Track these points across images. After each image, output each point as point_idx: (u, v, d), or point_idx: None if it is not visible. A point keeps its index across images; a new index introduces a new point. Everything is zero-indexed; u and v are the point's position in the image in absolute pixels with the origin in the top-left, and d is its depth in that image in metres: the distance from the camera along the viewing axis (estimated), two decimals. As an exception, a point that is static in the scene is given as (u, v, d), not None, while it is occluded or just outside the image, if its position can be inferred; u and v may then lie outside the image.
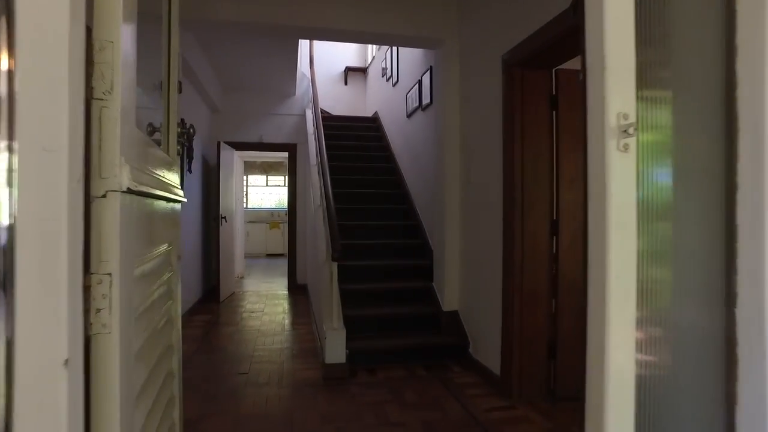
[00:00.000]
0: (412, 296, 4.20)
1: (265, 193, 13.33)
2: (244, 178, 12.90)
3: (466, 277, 3.66)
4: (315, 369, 3.44)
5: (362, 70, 8.67)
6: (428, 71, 4.64)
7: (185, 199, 1.68)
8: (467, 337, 3.60)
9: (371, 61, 8.17)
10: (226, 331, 4.57)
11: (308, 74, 7.21)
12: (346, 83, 8.65)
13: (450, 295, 3.82)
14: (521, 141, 2.87)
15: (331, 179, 5.73)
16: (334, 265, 3.37)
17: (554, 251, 2.90)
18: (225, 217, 6.14)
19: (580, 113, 2.79)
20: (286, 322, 4.94)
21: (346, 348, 3.34)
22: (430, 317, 3.92)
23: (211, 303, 5.90)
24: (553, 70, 2.92)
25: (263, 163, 13.18)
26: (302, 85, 7.10)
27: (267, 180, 13.37)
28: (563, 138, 2.89)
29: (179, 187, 1.64)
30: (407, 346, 3.62)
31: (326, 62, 8.57)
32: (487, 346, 3.28)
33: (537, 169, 2.87)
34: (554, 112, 2.92)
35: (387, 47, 6.79)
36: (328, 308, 3.48)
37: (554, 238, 2.90)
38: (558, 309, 2.90)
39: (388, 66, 6.66)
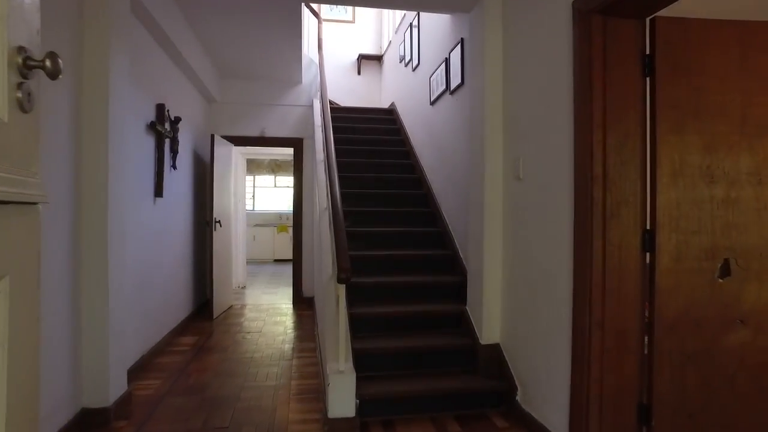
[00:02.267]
0: (440, 323, 3.38)
1: (274, 194, 12.60)
2: (251, 178, 12.23)
3: (512, 301, 2.82)
4: (316, 421, 2.64)
5: (377, 58, 7.88)
6: (458, 45, 3.81)
7: (46, 199, 0.89)
8: (514, 381, 2.76)
9: (387, 47, 7.37)
10: (213, 359, 3.78)
11: (317, 60, 6.44)
12: (359, 73, 7.86)
13: (490, 323, 2.99)
14: (602, 120, 2.03)
15: (341, 178, 4.94)
16: (341, 288, 2.56)
17: (649, 273, 2.06)
18: (219, 221, 5.38)
19: (688, 79, 1.93)
20: (287, 347, 4.15)
21: (356, 396, 2.53)
22: (464, 352, 3.09)
23: (203, 320, 5.13)
24: (648, 20, 2.08)
25: (271, 162, 12.47)
26: (310, 73, 6.33)
27: (275, 180, 12.65)
28: (663, 114, 2.04)
29: (33, 172, 0.85)
30: (435, 391, 2.80)
31: (338, 50, 7.80)
32: (544, 395, 2.45)
33: (624, 158, 2.03)
34: (649, 79, 2.08)
35: (405, 29, 5.98)
36: (333, 343, 2.68)
37: (648, 254, 2.06)
38: (654, 354, 2.06)
39: (407, 49, 5.85)
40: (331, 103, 7.21)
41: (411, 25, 5.63)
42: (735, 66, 2.10)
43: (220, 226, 5.42)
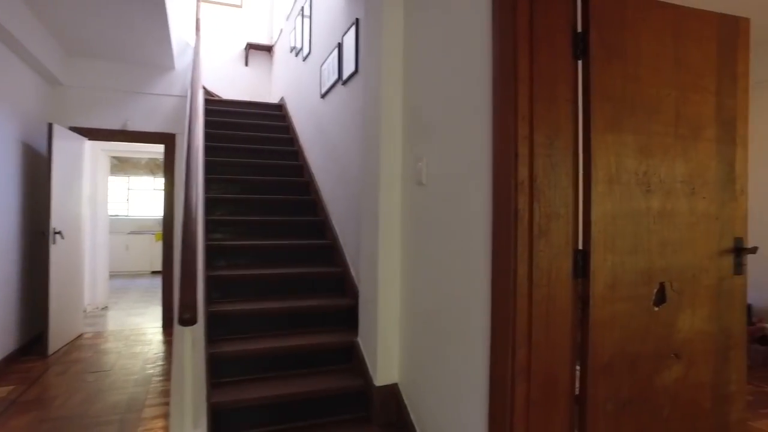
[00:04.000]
0: (328, 358, 2.78)
1: (154, 197, 11.19)
2: (125, 179, 10.75)
3: (414, 334, 2.31)
4: None
5: (268, 49, 7.13)
6: (352, 27, 3.28)
7: None
8: (415, 430, 2.25)
9: (278, 37, 6.65)
10: (23, 423, 2.83)
11: (194, 44, 5.56)
12: (246, 64, 7.05)
13: (386, 359, 2.45)
14: (528, 111, 1.58)
15: (216, 180, 4.18)
16: (186, 332, 1.86)
17: (582, 304, 1.65)
18: (60, 232, 4.31)
19: (623, 66, 1.56)
20: (139, 390, 3.29)
21: (210, 475, 1.85)
22: (356, 394, 2.53)
23: (32, 359, 4.04)
24: (579, -10, 1.69)
25: (150, 161, 11.06)
26: (185, 58, 5.43)
27: (155, 182, 11.24)
28: (598, 107, 1.65)
29: None
30: (319, 451, 2.20)
31: (223, 37, 6.93)
32: (452, 455, 1.96)
33: (554, 160, 1.60)
34: (581, 62, 1.68)
35: (297, 14, 5.34)
36: (178, 402, 1.96)
37: (581, 281, 1.65)
38: (587, 406, 1.65)
39: (298, 37, 5.21)
40: (212, 94, 6.34)
41: (302, 9, 5.00)
42: (670, 56, 1.78)
43: (62, 237, 4.35)
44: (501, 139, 1.62)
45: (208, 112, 5.41)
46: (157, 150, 7.62)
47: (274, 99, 6.70)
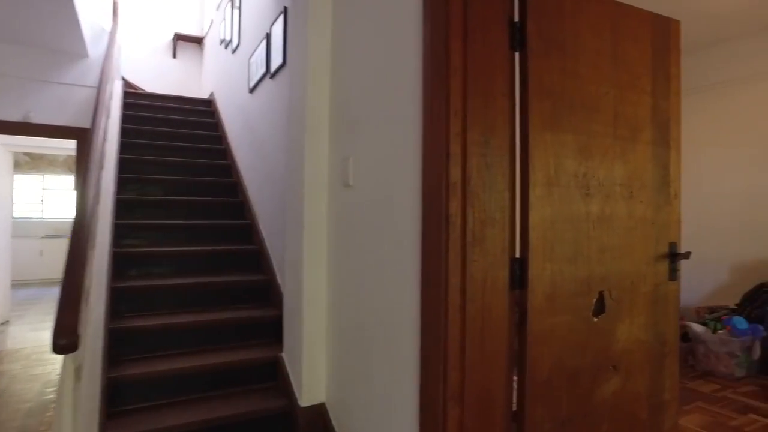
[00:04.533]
0: (251, 376, 2.53)
1: (72, 198, 10.30)
2: (39, 177, 9.84)
3: (341, 350, 2.11)
4: None
5: (198, 41, 6.70)
6: (281, 16, 3.04)
7: None
8: (344, 456, 2.05)
9: (209, 29, 6.26)
10: None
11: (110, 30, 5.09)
12: (174, 56, 6.59)
13: (312, 376, 2.24)
14: (461, 105, 1.43)
15: (134, 180, 3.79)
16: (66, 361, 1.54)
17: (519, 318, 1.52)
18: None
19: (562, 61, 1.45)
20: (31, 422, 2.87)
21: None
22: (281, 416, 2.29)
23: None
24: (516, -24, 1.56)
25: (69, 158, 10.19)
26: (100, 44, 4.95)
27: (74, 181, 10.36)
28: (536, 104, 1.52)
29: None
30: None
31: (148, 26, 6.43)
32: (382, 485, 1.77)
33: (489, 160, 1.45)
34: (518, 55, 1.55)
35: (227, 3, 5.01)
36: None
37: (518, 292, 1.51)
38: (528, 424, 1.52)
39: (227, 28, 4.88)
40: (134, 87, 5.85)
41: (232, -2, 4.69)
42: (608, 53, 1.69)
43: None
44: (432, 137, 1.46)
45: (127, 106, 4.96)
46: (51, 144, 6.97)
47: (204, 94, 6.29)
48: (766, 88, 4.28)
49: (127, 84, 5.71)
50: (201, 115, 5.44)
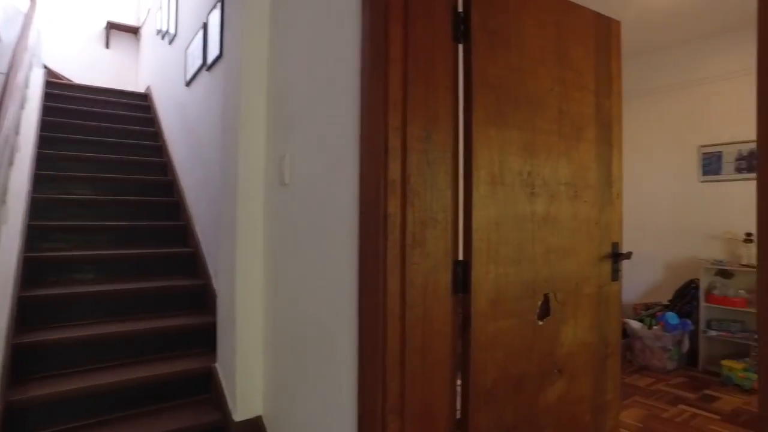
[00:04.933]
0: (182, 389, 2.34)
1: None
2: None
3: (278, 360, 1.97)
4: None
5: (134, 31, 6.31)
6: (218, 4, 2.85)
7: None
8: (281, 473, 1.91)
9: (146, 18, 5.90)
10: None
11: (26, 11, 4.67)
12: (107, 46, 6.17)
13: (247, 388, 2.08)
14: (401, 97, 1.33)
15: (55, 178, 3.47)
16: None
17: (462, 323, 1.44)
18: None
19: (506, 55, 1.39)
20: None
21: None
22: (212, 433, 2.13)
23: None
24: (459, -36, 1.48)
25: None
26: (15, 27, 4.53)
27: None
28: (480, 98, 1.45)
29: None
30: None
31: (77, 12, 5.99)
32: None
33: (431, 157, 1.37)
34: (462, 47, 1.47)
35: (163, -8, 4.72)
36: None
37: (462, 296, 1.43)
38: (468, 440, 1.44)
39: (164, 18, 4.60)
40: (59, 77, 5.43)
41: (169, -14, 4.42)
42: (553, 49, 1.65)
43: None
44: (370, 131, 1.36)
45: (51, 97, 4.57)
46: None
47: (141, 88, 5.93)
48: (695, 96, 4.48)
49: (51, 73, 5.28)
50: (136, 109, 5.11)
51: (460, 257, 1.42)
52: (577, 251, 1.68)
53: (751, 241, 3.98)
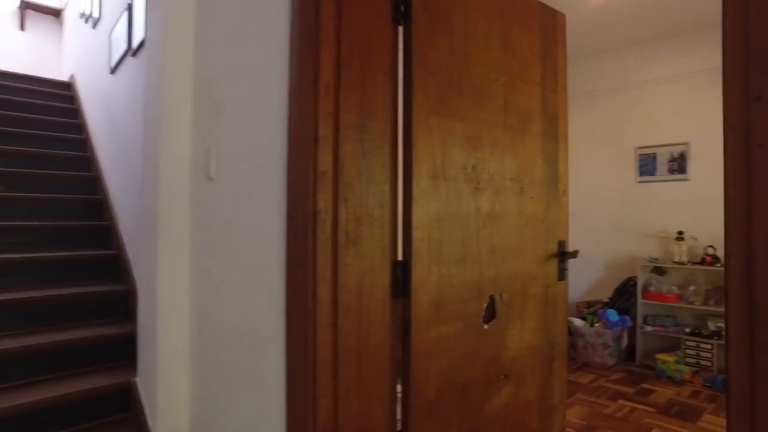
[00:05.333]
0: (100, 409, 2.09)
1: None
2: None
3: (204, 372, 1.78)
4: None
5: (55, 13, 5.80)
6: (141, -18, 2.61)
7: None
8: (206, 499, 1.72)
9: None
10: None
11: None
12: (23, 28, 5.64)
13: (171, 405, 1.87)
14: (333, 81, 1.19)
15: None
16: None
17: (402, 330, 1.32)
18: None
19: (450, 40, 1.29)
20: None
21: None
22: (128, 457, 1.90)
23: None
24: (398, -63, 1.36)
25: None
26: None
27: None
28: (421, 84, 1.33)
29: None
30: None
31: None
32: None
33: (367, 147, 1.24)
34: (402, 29, 1.35)
35: (88, -29, 4.34)
36: None
37: (402, 301, 1.31)
38: (408, 457, 1.32)
39: (89, -1, 4.23)
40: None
41: (93, -35, 4.06)
42: (498, 37, 1.56)
43: None
44: (298, 117, 1.21)
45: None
46: None
47: (64, 76, 5.45)
48: (632, 98, 4.61)
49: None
50: (58, 99, 4.68)
51: (400, 257, 1.30)
52: (523, 250, 1.60)
53: (682, 239, 4.13)
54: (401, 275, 1.29)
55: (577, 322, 4.25)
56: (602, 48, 4.73)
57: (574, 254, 1.76)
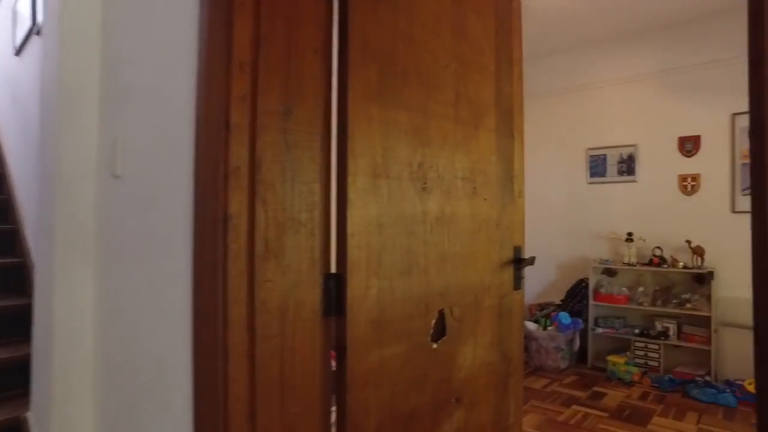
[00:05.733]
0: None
1: None
2: None
3: (109, 405, 1.51)
4: None
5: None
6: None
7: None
8: None
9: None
10: None
11: None
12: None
13: (71, 442, 1.59)
14: (251, 58, 0.98)
15: None
16: None
17: (338, 354, 1.12)
18: None
19: (394, 18, 1.10)
20: None
21: None
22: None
23: None
24: None
25: None
26: None
27: None
28: (358, 67, 1.14)
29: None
30: None
31: None
32: None
33: (292, 139, 1.03)
34: (338, 3, 1.15)
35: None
36: None
37: (336, 320, 1.11)
38: (344, 504, 1.12)
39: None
40: None
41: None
42: (449, 20, 1.39)
43: None
44: (207, 101, 0.99)
45: None
46: None
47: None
48: (584, 99, 4.61)
49: None
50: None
51: (333, 270, 1.10)
52: (476, 257, 1.44)
53: (631, 240, 4.14)
54: (335, 290, 1.09)
55: (530, 325, 4.19)
56: (553, 49, 4.71)
57: (531, 261, 1.62)
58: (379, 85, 1.18)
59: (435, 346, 1.31)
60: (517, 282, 1.60)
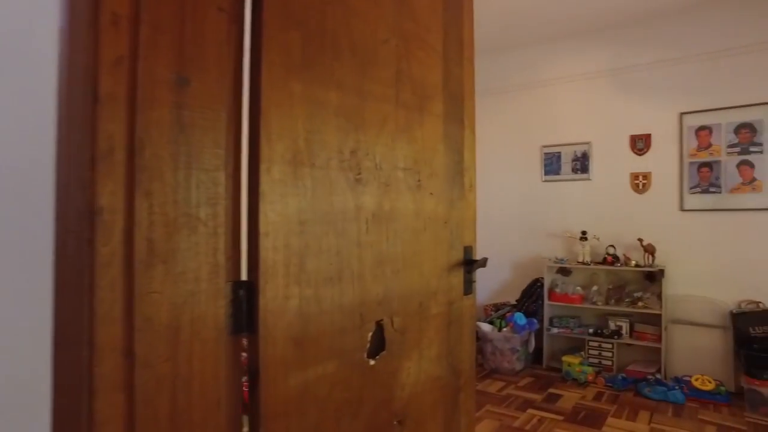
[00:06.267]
0: None
1: None
2: None
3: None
4: None
5: None
6: None
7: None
8: None
9: None
10: None
11: None
12: None
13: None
14: (128, 15, 0.78)
15: None
16: None
17: (250, 380, 0.92)
18: None
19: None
20: None
21: None
22: None
23: None
24: None
25: None
26: None
27: None
28: (276, 36, 0.95)
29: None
30: None
31: None
32: None
33: (185, 116, 0.83)
34: (247, -51, 0.96)
35: None
36: None
37: (247, 338, 0.92)
38: None
39: None
40: None
41: None
42: (388, -13, 1.22)
43: None
44: (70, 63, 0.78)
45: None
46: None
47: None
48: (539, 96, 4.57)
49: None
50: None
51: (244, 277, 0.90)
52: (421, 260, 1.28)
53: (585, 239, 4.12)
54: (245, 302, 0.89)
55: (485, 327, 4.10)
56: (507, 46, 4.64)
57: (483, 263, 1.47)
58: (304, 57, 0.99)
59: (372, 362, 1.14)
60: (468, 286, 1.45)
